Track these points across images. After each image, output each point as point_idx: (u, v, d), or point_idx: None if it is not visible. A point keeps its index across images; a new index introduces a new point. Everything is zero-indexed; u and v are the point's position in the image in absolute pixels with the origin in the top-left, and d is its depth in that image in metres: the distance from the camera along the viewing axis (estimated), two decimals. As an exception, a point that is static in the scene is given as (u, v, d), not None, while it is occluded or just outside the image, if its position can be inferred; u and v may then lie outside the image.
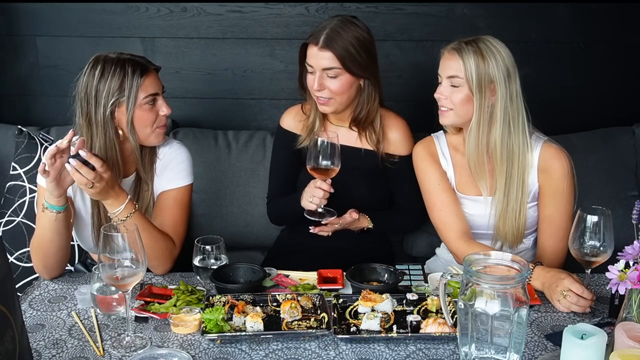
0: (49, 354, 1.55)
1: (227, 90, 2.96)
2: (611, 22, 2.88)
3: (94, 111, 1.89)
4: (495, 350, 1.43)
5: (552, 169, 2.02)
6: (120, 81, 1.87)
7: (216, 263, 1.86)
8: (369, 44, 2.15)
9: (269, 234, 2.61)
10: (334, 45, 2.08)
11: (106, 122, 1.89)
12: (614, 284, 1.47)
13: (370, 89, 2.19)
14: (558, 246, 2.05)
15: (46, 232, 1.85)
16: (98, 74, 1.87)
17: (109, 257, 1.51)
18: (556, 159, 2.02)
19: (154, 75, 1.95)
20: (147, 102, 1.91)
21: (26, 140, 2.59)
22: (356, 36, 2.11)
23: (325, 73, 2.11)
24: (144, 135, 1.95)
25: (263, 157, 2.75)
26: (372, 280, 1.89)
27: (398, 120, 2.28)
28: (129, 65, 1.89)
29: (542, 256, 2.07)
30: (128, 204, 1.85)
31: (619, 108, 2.94)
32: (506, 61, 1.95)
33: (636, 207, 1.66)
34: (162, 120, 1.97)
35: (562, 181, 2.02)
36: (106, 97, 1.87)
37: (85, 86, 1.89)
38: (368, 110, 2.21)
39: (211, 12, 2.87)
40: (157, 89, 1.95)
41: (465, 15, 2.85)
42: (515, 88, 1.96)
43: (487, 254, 1.49)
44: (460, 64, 1.95)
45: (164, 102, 1.97)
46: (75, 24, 2.87)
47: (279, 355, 1.55)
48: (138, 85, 1.88)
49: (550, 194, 2.04)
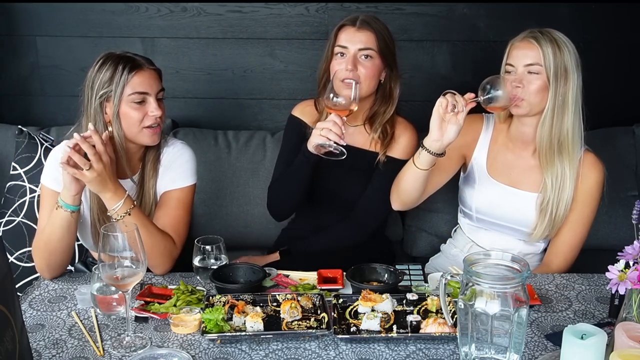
0: (49, 354, 1.55)
1: (227, 90, 2.96)
2: (611, 22, 2.88)
3: (88, 102, 1.93)
4: (495, 350, 1.43)
5: (589, 176, 2.05)
6: (111, 74, 1.91)
7: (216, 263, 1.86)
8: (393, 38, 2.22)
9: (269, 234, 2.61)
10: (373, 26, 2.15)
11: (97, 113, 1.92)
12: (614, 284, 1.47)
13: (389, 85, 2.21)
14: (570, 254, 2.07)
15: (56, 230, 1.85)
16: (97, 67, 1.93)
17: (109, 256, 1.52)
18: (595, 168, 2.06)
19: (147, 74, 1.94)
20: (133, 100, 1.92)
21: (26, 140, 2.60)
22: (385, 27, 2.19)
23: (361, 54, 2.13)
24: (131, 133, 1.95)
25: (263, 157, 2.75)
26: (372, 280, 1.89)
27: (408, 126, 2.28)
28: (123, 61, 1.92)
29: (551, 261, 2.08)
30: (127, 199, 1.85)
31: (619, 108, 2.93)
32: (575, 52, 2.00)
33: (636, 207, 1.66)
34: (150, 120, 1.94)
35: (595, 189, 2.06)
36: (98, 89, 1.92)
37: (87, 79, 1.95)
38: (385, 111, 2.21)
39: (211, 12, 2.87)
40: (149, 89, 1.94)
41: (465, 15, 2.86)
42: (580, 80, 2.02)
43: (487, 254, 1.50)
44: (539, 52, 1.98)
45: (155, 104, 1.94)
46: (75, 24, 2.87)
47: (279, 355, 1.55)
48: (126, 81, 1.90)
49: (580, 200, 2.06)
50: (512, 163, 2.13)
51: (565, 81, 1.98)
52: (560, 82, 1.98)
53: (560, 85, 1.98)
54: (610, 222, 2.68)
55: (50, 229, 1.87)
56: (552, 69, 1.97)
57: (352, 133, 2.26)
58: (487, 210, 2.14)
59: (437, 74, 2.92)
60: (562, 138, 2.01)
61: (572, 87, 1.99)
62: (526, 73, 1.99)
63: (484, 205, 2.15)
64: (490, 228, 2.17)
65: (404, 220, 2.78)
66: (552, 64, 1.97)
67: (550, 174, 2.04)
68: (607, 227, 2.66)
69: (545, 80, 1.98)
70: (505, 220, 2.12)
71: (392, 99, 2.23)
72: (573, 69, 1.99)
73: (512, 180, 2.12)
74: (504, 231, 2.14)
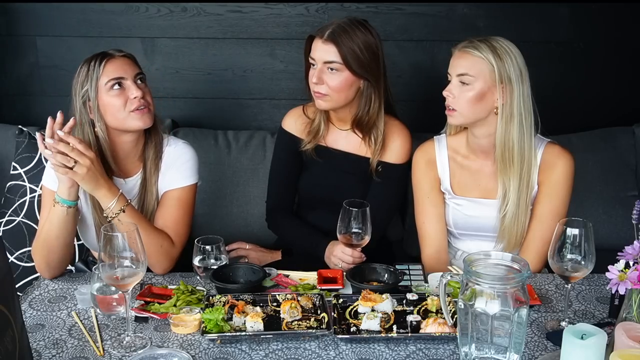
0: (49, 354, 1.55)
1: (227, 90, 2.96)
2: (611, 22, 2.88)
3: (74, 107, 1.96)
4: (495, 350, 1.43)
5: (555, 166, 2.02)
6: (85, 72, 1.93)
7: (216, 263, 1.85)
8: (375, 46, 2.14)
9: (269, 234, 2.60)
10: (338, 40, 2.09)
11: (82, 115, 1.94)
12: (614, 284, 1.47)
13: (369, 92, 2.16)
14: (542, 249, 1.99)
15: (54, 227, 1.86)
16: (77, 72, 1.96)
17: (109, 256, 1.52)
18: (561, 157, 2.03)
19: (119, 61, 1.96)
20: (111, 87, 1.93)
21: (26, 140, 2.60)
22: (362, 36, 2.11)
23: (326, 67, 2.11)
24: (119, 121, 1.94)
25: (263, 157, 2.75)
26: (372, 280, 1.89)
27: (401, 130, 2.24)
28: (94, 57, 1.95)
29: (525, 257, 2.05)
30: (120, 197, 1.87)
31: (618, 108, 2.94)
32: (519, 61, 1.95)
33: (636, 207, 1.66)
34: (134, 103, 1.94)
35: (562, 180, 2.02)
36: (78, 90, 1.94)
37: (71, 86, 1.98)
38: (368, 114, 2.18)
39: (211, 12, 2.87)
40: (122, 73, 1.94)
41: (465, 15, 2.85)
42: (527, 88, 1.96)
43: (487, 254, 1.49)
44: (472, 62, 1.94)
45: (134, 85, 1.95)
46: (75, 24, 2.87)
47: (279, 355, 1.55)
48: (99, 73, 1.92)
49: (547, 192, 2.03)
50: (477, 174, 2.10)
51: (510, 90, 1.94)
52: (502, 92, 1.94)
53: (504, 95, 1.94)
54: (610, 222, 2.68)
55: (48, 226, 1.88)
56: (491, 79, 1.93)
57: (344, 137, 2.26)
58: (464, 224, 2.13)
59: (437, 74, 2.91)
60: (509, 148, 1.98)
61: (517, 96, 1.94)
62: (458, 83, 1.96)
63: (460, 220, 2.13)
64: (473, 238, 2.15)
65: (404, 220, 2.77)
66: (489, 74, 1.93)
67: (503, 181, 2.01)
68: (607, 227, 2.66)
69: (480, 91, 1.94)
70: (484, 230, 2.10)
71: (374, 101, 2.17)
72: (517, 78, 1.93)
73: (481, 190, 2.10)
74: (487, 239, 2.12)
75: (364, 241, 1.93)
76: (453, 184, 2.12)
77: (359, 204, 1.90)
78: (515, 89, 1.94)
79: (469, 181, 2.11)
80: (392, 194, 2.26)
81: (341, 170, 2.27)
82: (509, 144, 1.98)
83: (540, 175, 2.03)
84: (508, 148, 1.98)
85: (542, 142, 2.05)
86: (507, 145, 1.98)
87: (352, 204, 1.90)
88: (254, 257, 2.36)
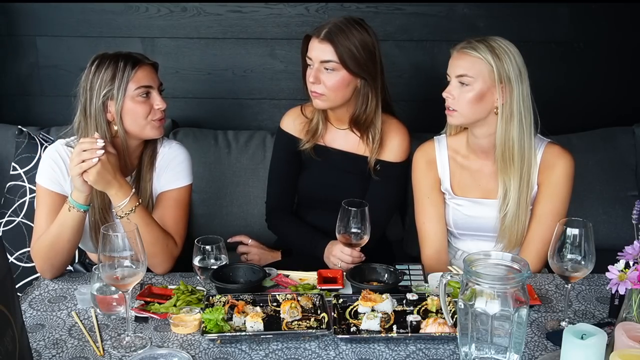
0: (49, 354, 1.55)
1: (227, 90, 2.96)
2: (611, 22, 2.88)
3: (89, 104, 1.94)
4: (495, 350, 1.43)
5: (555, 166, 2.01)
6: (112, 73, 1.92)
7: (216, 263, 1.85)
8: (371, 45, 2.14)
9: (269, 234, 2.60)
10: (334, 39, 2.09)
11: (98, 114, 1.93)
12: (614, 284, 1.47)
13: (366, 90, 2.16)
14: (542, 249, 1.99)
15: (67, 230, 1.86)
16: (94, 69, 1.94)
17: (108, 257, 1.52)
18: (561, 157, 2.03)
19: (148, 69, 1.97)
20: (139, 94, 1.94)
21: (26, 140, 2.60)
22: (358, 35, 2.11)
23: (323, 66, 2.11)
24: (138, 127, 1.96)
25: (263, 157, 2.75)
26: (372, 280, 1.89)
27: (399, 128, 2.24)
28: (122, 59, 1.94)
29: (525, 257, 2.05)
30: (132, 196, 1.87)
31: (618, 108, 2.94)
32: (518, 60, 1.95)
33: (636, 207, 1.66)
34: (157, 113, 1.98)
35: (562, 180, 2.02)
36: (99, 89, 1.92)
37: (83, 81, 1.96)
38: (366, 113, 2.18)
39: (211, 12, 2.87)
40: (151, 82, 1.97)
41: (465, 15, 2.85)
42: (526, 87, 1.96)
43: (487, 254, 1.49)
44: (471, 62, 1.94)
45: (159, 97, 1.98)
46: (75, 24, 2.87)
47: (279, 355, 1.55)
48: (129, 77, 1.92)
49: (547, 193, 2.03)
50: (477, 174, 2.10)
51: (509, 90, 1.94)
52: (502, 92, 1.94)
53: (504, 95, 1.94)
54: (610, 222, 2.68)
55: (59, 229, 1.87)
56: (489, 79, 1.93)
57: (342, 136, 2.26)
58: (464, 224, 2.13)
59: (437, 74, 2.91)
60: (509, 148, 1.98)
61: (516, 96, 1.94)
62: (458, 84, 1.96)
63: (460, 221, 2.13)
64: (473, 238, 2.15)
65: (403, 220, 2.77)
66: (488, 74, 1.93)
67: (503, 181, 2.01)
68: (607, 227, 2.66)
69: (480, 91, 1.94)
70: (484, 230, 2.11)
71: (371, 100, 2.18)
72: (516, 78, 1.93)
73: (481, 190, 2.10)
74: (487, 239, 2.12)
75: (363, 241, 1.93)
76: (453, 184, 2.12)
77: (357, 203, 1.90)
78: (515, 88, 1.94)
79: (469, 181, 2.11)
80: (391, 192, 2.26)
81: (340, 170, 2.27)
82: (509, 143, 1.98)
83: (540, 175, 2.03)
84: (508, 147, 1.98)
85: (542, 142, 2.05)
86: (507, 144, 1.98)
87: (351, 203, 1.90)
88: (255, 254, 2.36)
